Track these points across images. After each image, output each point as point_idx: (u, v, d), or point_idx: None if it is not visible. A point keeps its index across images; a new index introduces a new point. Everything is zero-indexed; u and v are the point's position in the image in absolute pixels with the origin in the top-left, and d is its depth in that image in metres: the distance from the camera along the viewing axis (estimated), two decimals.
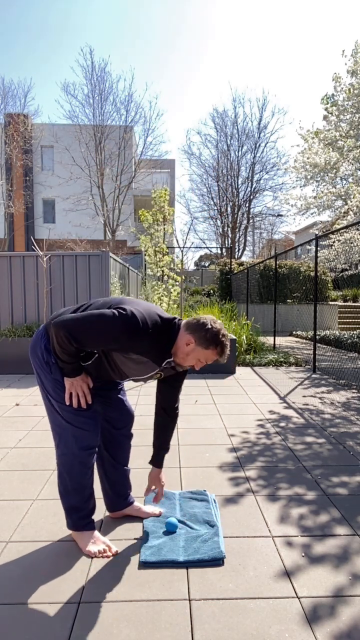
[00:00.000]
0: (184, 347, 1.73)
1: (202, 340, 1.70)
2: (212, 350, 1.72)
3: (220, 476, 2.61)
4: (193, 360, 1.75)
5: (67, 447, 1.81)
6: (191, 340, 1.71)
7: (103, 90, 20.12)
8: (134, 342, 1.62)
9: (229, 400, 4.47)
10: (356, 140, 8.79)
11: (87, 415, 1.80)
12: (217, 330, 1.71)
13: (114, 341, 1.62)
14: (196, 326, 1.72)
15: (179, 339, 1.74)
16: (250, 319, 9.22)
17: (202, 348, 1.71)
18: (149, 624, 1.46)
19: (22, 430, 3.48)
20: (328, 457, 2.92)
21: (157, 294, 7.93)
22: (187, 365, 1.79)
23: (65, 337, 1.61)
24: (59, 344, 1.65)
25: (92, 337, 1.62)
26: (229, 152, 25.18)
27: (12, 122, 20.20)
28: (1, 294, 6.30)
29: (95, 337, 1.62)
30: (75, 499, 1.86)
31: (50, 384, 1.79)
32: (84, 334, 1.61)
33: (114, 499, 2.08)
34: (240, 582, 1.67)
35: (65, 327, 1.61)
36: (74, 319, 1.62)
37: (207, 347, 1.71)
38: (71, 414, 1.78)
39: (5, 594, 1.61)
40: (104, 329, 1.60)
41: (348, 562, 1.79)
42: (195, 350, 1.72)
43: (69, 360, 1.69)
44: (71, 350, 1.65)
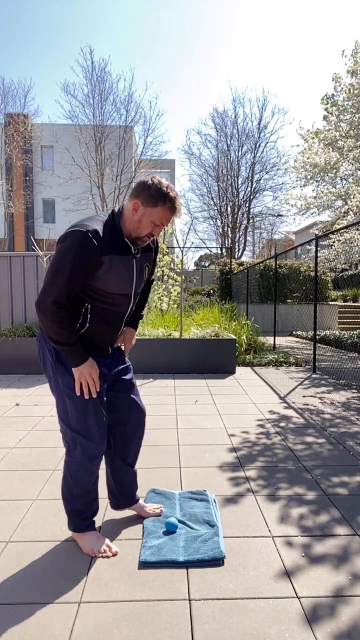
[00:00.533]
0: (133, 214, 1.68)
1: (148, 198, 1.65)
2: (161, 206, 1.66)
3: (220, 476, 2.61)
4: (149, 226, 1.69)
5: (75, 456, 1.81)
6: (138, 204, 1.66)
7: (103, 90, 20.11)
8: (87, 243, 1.59)
9: (229, 400, 4.47)
10: (356, 140, 8.79)
11: (94, 425, 1.78)
12: (158, 182, 1.66)
13: (74, 259, 1.59)
14: (138, 188, 1.68)
15: (126, 211, 1.71)
16: (250, 319, 9.22)
17: (151, 207, 1.66)
18: (149, 624, 1.46)
19: (22, 430, 3.48)
20: (328, 457, 2.92)
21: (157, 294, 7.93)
22: (145, 234, 1.72)
23: (50, 303, 1.59)
24: (51, 320, 1.62)
25: (62, 276, 1.59)
26: (229, 152, 25.20)
27: (12, 122, 20.20)
28: (1, 294, 6.30)
29: (64, 272, 1.59)
30: (80, 503, 1.87)
31: (61, 390, 1.77)
32: (56, 281, 1.60)
33: (119, 498, 2.06)
34: (240, 582, 1.67)
35: (43, 295, 1.61)
36: (43, 288, 1.63)
37: (155, 204, 1.65)
38: (80, 424, 1.76)
39: (5, 594, 1.61)
40: (62, 259, 1.60)
41: (348, 562, 1.79)
42: (145, 213, 1.67)
43: (67, 339, 1.65)
44: (63, 319, 1.62)
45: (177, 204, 1.70)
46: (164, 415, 3.89)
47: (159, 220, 1.70)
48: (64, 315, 1.64)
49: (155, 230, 1.73)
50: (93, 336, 1.78)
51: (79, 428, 1.77)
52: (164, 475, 2.59)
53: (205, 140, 31.23)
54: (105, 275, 1.67)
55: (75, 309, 1.71)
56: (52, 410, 4.05)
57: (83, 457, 1.79)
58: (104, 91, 20.11)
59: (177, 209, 1.70)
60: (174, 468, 2.73)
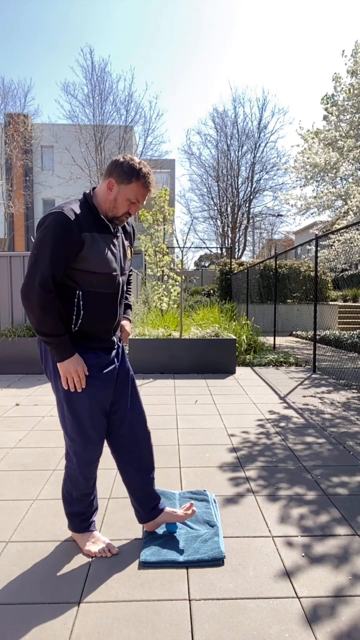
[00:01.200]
0: (108, 194, 1.67)
1: (122, 175, 1.65)
2: (135, 182, 1.65)
3: (220, 476, 2.61)
4: (125, 204, 1.68)
5: (72, 462, 1.80)
6: (112, 182, 1.66)
7: (103, 90, 20.12)
8: (65, 221, 1.58)
9: (229, 400, 4.47)
10: (356, 140, 8.79)
11: (90, 431, 1.75)
12: (130, 159, 1.66)
13: (54, 239, 1.57)
14: (111, 166, 1.68)
15: (100, 192, 1.70)
16: (250, 319, 9.22)
17: (125, 184, 1.65)
18: (149, 624, 1.46)
19: (22, 430, 3.48)
20: (328, 457, 2.92)
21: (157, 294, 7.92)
22: (122, 213, 1.70)
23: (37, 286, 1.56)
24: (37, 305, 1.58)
25: (44, 257, 1.57)
26: (229, 152, 25.18)
27: (12, 122, 20.20)
28: (1, 294, 6.29)
29: (46, 253, 1.57)
30: (79, 506, 1.86)
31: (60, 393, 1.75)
32: (40, 263, 1.57)
33: (140, 511, 1.93)
34: (240, 582, 1.67)
35: (27, 279, 1.58)
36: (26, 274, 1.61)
37: (129, 181, 1.65)
38: (75, 429, 1.73)
39: (5, 594, 1.61)
40: (42, 240, 1.58)
41: (348, 562, 1.79)
42: (120, 191, 1.66)
43: (52, 328, 1.60)
44: (50, 305, 1.59)
45: (151, 179, 1.69)
46: (164, 415, 3.89)
47: (134, 197, 1.68)
48: (51, 301, 1.59)
49: (132, 209, 1.71)
50: (92, 325, 1.73)
51: (74, 433, 1.74)
52: (164, 475, 2.59)
53: (205, 140, 31.23)
54: (88, 255, 1.64)
55: (68, 300, 1.67)
56: (52, 410, 4.05)
57: (79, 462, 1.78)
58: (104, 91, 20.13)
59: (151, 184, 1.69)
60: (174, 468, 2.73)
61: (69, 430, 1.76)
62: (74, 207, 1.65)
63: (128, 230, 1.91)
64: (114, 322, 1.80)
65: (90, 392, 1.72)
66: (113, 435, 1.89)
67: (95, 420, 1.75)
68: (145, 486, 1.92)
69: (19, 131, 19.88)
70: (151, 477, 1.94)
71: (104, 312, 1.75)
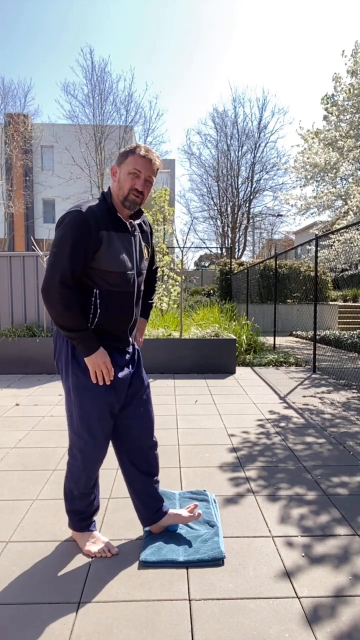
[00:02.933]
0: (114, 180, 1.75)
1: (120, 157, 1.74)
2: (131, 156, 1.70)
3: (220, 476, 2.61)
4: (127, 179, 1.70)
5: (76, 458, 1.80)
6: (115, 168, 1.75)
7: (103, 90, 20.13)
8: (84, 219, 1.62)
9: (229, 400, 4.47)
10: (356, 140, 8.79)
11: (97, 430, 1.75)
12: (129, 145, 1.77)
13: (73, 236, 1.61)
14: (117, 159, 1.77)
15: (112, 185, 1.77)
16: (250, 319, 9.22)
17: (123, 162, 1.72)
18: (149, 624, 1.46)
19: (22, 430, 3.48)
20: (328, 457, 2.92)
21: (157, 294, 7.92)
22: (128, 189, 1.70)
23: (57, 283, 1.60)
24: (59, 302, 1.61)
25: (63, 255, 1.60)
26: (229, 152, 25.18)
27: (12, 122, 20.21)
28: (1, 294, 6.29)
29: (65, 250, 1.60)
30: (79, 504, 1.86)
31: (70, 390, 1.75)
32: (59, 261, 1.61)
33: (144, 513, 1.93)
34: (240, 582, 1.66)
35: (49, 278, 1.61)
36: (45, 273, 1.64)
37: (126, 157, 1.71)
38: (82, 427, 1.74)
39: (5, 594, 1.61)
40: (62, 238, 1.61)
41: (348, 562, 1.79)
42: (121, 170, 1.72)
43: (76, 324, 1.63)
44: (71, 300, 1.61)
45: (147, 149, 1.72)
46: (164, 415, 3.89)
47: (133, 167, 1.69)
48: (71, 296, 1.63)
49: (136, 183, 1.70)
50: (108, 325, 1.74)
51: (81, 430, 1.75)
52: (164, 475, 2.59)
53: (205, 140, 31.22)
54: (105, 253, 1.67)
55: (85, 299, 1.69)
56: (52, 410, 4.05)
57: (83, 460, 1.78)
58: (104, 91, 20.15)
59: (148, 152, 1.71)
60: (174, 468, 2.73)
61: (76, 427, 1.76)
62: (93, 205, 1.68)
63: (145, 229, 1.92)
64: (130, 321, 1.82)
65: (102, 393, 1.73)
66: (121, 440, 1.89)
67: (103, 421, 1.76)
68: (149, 490, 1.92)
69: (19, 131, 19.89)
70: (156, 480, 1.95)
71: (120, 311, 1.77)
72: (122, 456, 1.91)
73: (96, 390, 1.72)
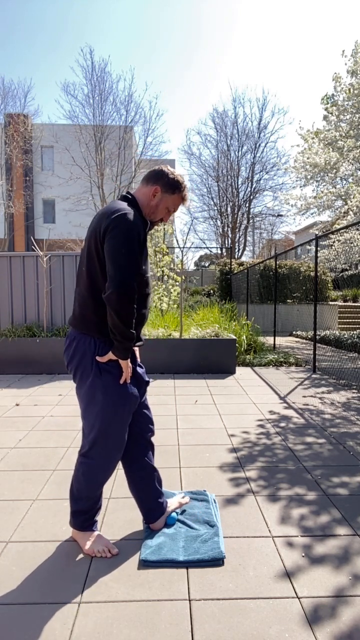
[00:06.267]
0: (151, 199, 1.80)
1: (167, 186, 1.81)
2: (177, 194, 1.84)
3: (220, 476, 2.61)
4: (163, 211, 1.84)
5: (93, 458, 1.80)
6: (157, 190, 1.80)
7: (103, 91, 20.10)
8: (139, 222, 1.69)
9: (229, 400, 4.47)
10: (356, 140, 8.79)
11: (122, 430, 1.80)
12: (173, 171, 1.84)
13: (138, 238, 1.66)
14: (156, 175, 1.82)
15: (142, 196, 1.81)
16: (250, 319, 9.21)
17: (169, 194, 1.82)
18: (149, 624, 1.46)
19: (22, 430, 3.48)
20: (328, 458, 2.92)
21: (157, 294, 7.92)
22: (158, 219, 1.85)
23: (134, 285, 1.60)
24: (133, 304, 1.61)
25: (134, 255, 1.63)
26: (229, 152, 25.16)
27: (12, 122, 20.20)
28: (1, 294, 6.29)
29: (134, 251, 1.63)
30: (86, 505, 1.87)
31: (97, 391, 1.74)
32: (132, 262, 1.61)
33: (146, 510, 1.99)
34: (240, 582, 1.66)
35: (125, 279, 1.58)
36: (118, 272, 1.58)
37: (173, 191, 1.82)
38: (112, 427, 1.76)
39: (5, 594, 1.61)
40: (128, 239, 1.62)
41: (348, 562, 1.79)
42: (163, 199, 1.81)
43: (134, 326, 1.67)
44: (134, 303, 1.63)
45: (188, 194, 1.90)
46: (164, 415, 3.89)
47: (173, 206, 1.86)
48: (136, 299, 1.67)
49: (166, 217, 1.87)
50: (137, 326, 1.79)
51: (108, 431, 1.76)
52: (164, 475, 2.59)
53: (205, 140, 31.19)
54: (145, 257, 1.76)
55: None
56: (52, 410, 4.05)
57: (106, 458, 1.80)
58: (104, 91, 20.12)
59: (187, 198, 1.88)
60: (174, 468, 2.72)
61: (104, 427, 1.75)
62: (131, 210, 1.70)
63: None
64: (146, 320, 1.91)
65: (129, 390, 1.78)
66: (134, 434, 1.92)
67: (128, 418, 1.81)
68: (158, 481, 2.00)
69: (19, 131, 19.88)
70: (158, 477, 2.01)
71: (144, 312, 1.84)
72: (133, 451, 1.94)
73: (124, 388, 1.77)
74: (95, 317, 1.72)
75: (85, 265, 1.74)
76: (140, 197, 1.81)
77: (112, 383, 1.74)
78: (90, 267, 1.71)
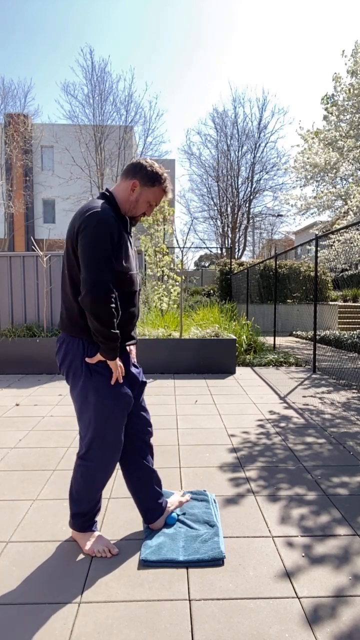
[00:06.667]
0: (129, 194, 1.76)
1: (146, 178, 1.75)
2: (158, 186, 1.78)
3: (220, 476, 2.61)
4: (144, 205, 1.79)
5: (91, 460, 1.80)
6: (136, 184, 1.76)
7: (103, 91, 20.11)
8: (109, 219, 1.63)
9: (229, 400, 4.47)
10: (356, 140, 8.79)
11: (118, 431, 1.79)
12: (152, 163, 1.78)
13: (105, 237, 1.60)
14: (134, 168, 1.77)
15: (121, 191, 1.77)
16: (250, 319, 9.21)
17: (148, 187, 1.76)
18: (149, 624, 1.46)
19: (22, 430, 3.48)
20: (328, 458, 2.92)
21: (157, 294, 7.92)
22: (140, 214, 1.80)
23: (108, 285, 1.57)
24: (110, 304, 1.59)
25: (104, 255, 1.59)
26: (229, 152, 25.17)
27: (12, 122, 20.20)
28: (1, 294, 6.29)
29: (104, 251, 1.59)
30: (86, 507, 1.87)
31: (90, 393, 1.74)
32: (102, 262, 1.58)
33: (148, 512, 1.99)
34: (240, 582, 1.66)
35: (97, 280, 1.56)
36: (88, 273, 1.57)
37: (152, 184, 1.76)
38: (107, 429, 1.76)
39: (6, 594, 1.61)
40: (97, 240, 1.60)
41: (348, 562, 1.79)
42: (142, 193, 1.76)
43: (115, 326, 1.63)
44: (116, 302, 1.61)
45: (170, 185, 1.83)
46: (164, 415, 3.89)
47: (154, 200, 1.80)
48: (115, 298, 1.63)
49: (149, 210, 1.81)
50: (125, 326, 1.77)
51: (103, 433, 1.76)
52: (164, 475, 2.59)
53: (205, 140, 31.18)
54: (124, 254, 1.71)
55: None
56: (52, 410, 4.05)
57: (103, 460, 1.80)
58: (104, 91, 20.13)
59: (170, 190, 1.82)
60: (174, 468, 2.72)
61: (99, 428, 1.75)
62: (105, 207, 1.68)
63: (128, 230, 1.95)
64: (137, 319, 1.88)
65: (122, 391, 1.77)
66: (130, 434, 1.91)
67: (123, 419, 1.80)
68: (156, 482, 1.99)
69: (19, 131, 19.88)
70: (156, 473, 2.01)
71: (132, 310, 1.81)
72: (130, 452, 1.93)
73: (117, 389, 1.75)
74: (81, 319, 1.69)
75: (67, 268, 1.73)
76: (119, 192, 1.77)
77: (104, 384, 1.72)
78: (71, 270, 1.69)
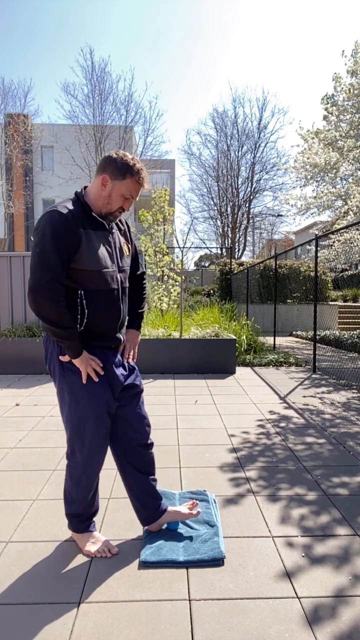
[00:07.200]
0: (102, 190, 1.69)
1: (115, 171, 1.67)
2: (129, 178, 1.69)
3: (220, 476, 2.61)
4: (119, 200, 1.71)
5: (75, 461, 1.80)
6: (106, 179, 1.68)
7: (103, 91, 20.10)
8: (62, 217, 1.60)
9: (229, 400, 4.47)
10: (356, 140, 8.79)
11: (95, 432, 1.75)
12: (123, 155, 1.69)
13: (55, 235, 1.58)
14: (104, 163, 1.70)
15: (93, 189, 1.72)
16: (250, 319, 9.21)
17: (119, 180, 1.68)
18: (149, 624, 1.46)
19: (22, 430, 3.48)
20: (328, 458, 2.92)
21: (157, 294, 7.92)
22: (116, 209, 1.73)
23: (47, 282, 1.56)
24: (50, 300, 1.57)
25: (48, 253, 1.58)
26: (229, 152, 25.18)
27: (12, 122, 20.19)
28: (1, 294, 6.29)
29: (49, 249, 1.58)
30: (79, 507, 1.86)
31: (65, 394, 1.75)
32: (45, 260, 1.58)
33: (143, 512, 1.94)
34: (240, 582, 1.66)
35: (37, 277, 1.57)
36: (30, 273, 1.59)
37: (123, 177, 1.68)
38: (81, 429, 1.74)
39: (5, 594, 1.61)
40: (43, 238, 1.58)
41: (348, 562, 1.79)
42: (114, 187, 1.69)
43: (67, 323, 1.61)
44: (61, 300, 1.59)
45: (144, 175, 1.73)
46: (164, 415, 3.89)
47: (128, 192, 1.71)
48: (62, 294, 1.60)
49: (126, 204, 1.74)
50: (97, 324, 1.73)
51: (80, 431, 1.74)
52: (164, 475, 2.59)
53: (205, 140, 31.21)
54: (85, 252, 1.65)
55: (71, 300, 1.68)
56: (52, 410, 4.05)
57: (84, 462, 1.78)
58: (104, 91, 20.11)
59: (144, 180, 1.73)
60: (174, 468, 2.72)
61: (75, 428, 1.75)
62: (68, 205, 1.67)
63: (122, 227, 1.91)
64: (118, 319, 1.81)
65: (98, 390, 1.73)
66: (118, 440, 1.89)
67: (101, 420, 1.75)
68: (148, 489, 1.93)
69: (19, 131, 19.87)
70: (153, 479, 1.96)
71: (107, 309, 1.76)
72: (120, 457, 1.91)
73: (92, 388, 1.72)
74: None
75: None
76: (93, 189, 1.72)
77: (78, 383, 1.71)
78: None
